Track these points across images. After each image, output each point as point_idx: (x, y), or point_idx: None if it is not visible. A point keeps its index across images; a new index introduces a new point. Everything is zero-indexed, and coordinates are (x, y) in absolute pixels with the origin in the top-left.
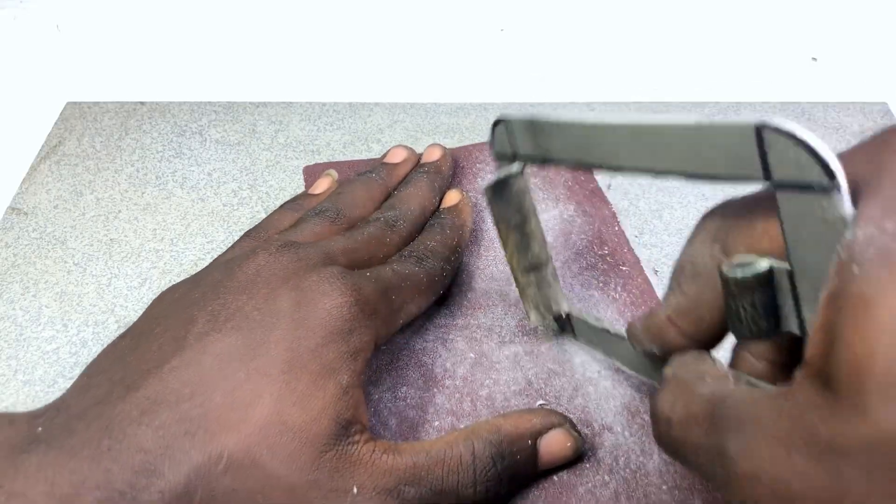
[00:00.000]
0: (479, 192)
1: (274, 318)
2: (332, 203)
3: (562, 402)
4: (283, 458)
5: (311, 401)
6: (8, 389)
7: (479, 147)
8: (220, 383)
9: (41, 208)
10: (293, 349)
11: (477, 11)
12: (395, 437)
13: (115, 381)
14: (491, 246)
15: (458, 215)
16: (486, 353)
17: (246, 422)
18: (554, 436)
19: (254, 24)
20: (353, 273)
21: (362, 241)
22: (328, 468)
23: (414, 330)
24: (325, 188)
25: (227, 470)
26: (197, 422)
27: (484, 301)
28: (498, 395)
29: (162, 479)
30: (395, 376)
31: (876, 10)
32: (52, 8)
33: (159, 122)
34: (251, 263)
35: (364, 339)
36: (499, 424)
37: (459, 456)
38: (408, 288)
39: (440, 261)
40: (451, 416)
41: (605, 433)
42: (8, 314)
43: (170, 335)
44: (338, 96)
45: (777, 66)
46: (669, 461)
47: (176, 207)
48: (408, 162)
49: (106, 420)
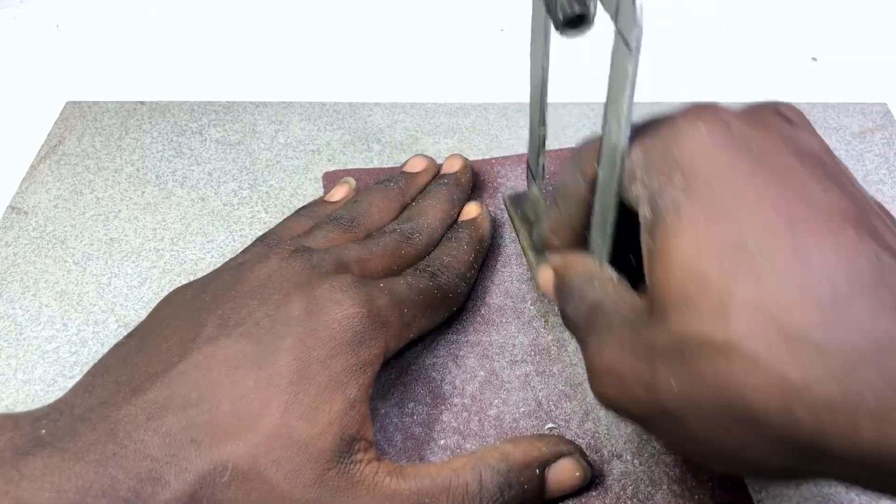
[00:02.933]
0: (498, 207)
1: (284, 325)
2: (348, 211)
3: (571, 427)
4: (286, 472)
5: (318, 414)
6: (8, 389)
7: (500, 161)
8: (228, 390)
9: (41, 208)
10: (302, 359)
11: (477, 11)
12: (399, 454)
13: (120, 383)
14: (508, 262)
15: (476, 229)
16: (497, 371)
17: (252, 431)
18: (563, 465)
19: (254, 24)
20: (367, 283)
21: (377, 251)
22: (330, 487)
23: (424, 345)
24: (342, 196)
25: (231, 481)
26: (203, 429)
27: (498, 318)
28: (507, 415)
29: (167, 489)
30: (403, 391)
31: (876, 10)
32: (52, 8)
33: (159, 121)
34: (263, 268)
35: (373, 352)
36: (507, 452)
37: (466, 484)
38: (420, 302)
39: (455, 277)
40: (457, 434)
41: (615, 461)
42: (8, 313)
43: (178, 338)
44: (338, 96)
45: (777, 66)
46: (679, 493)
47: (176, 207)
48: (427, 172)
49: (111, 423)
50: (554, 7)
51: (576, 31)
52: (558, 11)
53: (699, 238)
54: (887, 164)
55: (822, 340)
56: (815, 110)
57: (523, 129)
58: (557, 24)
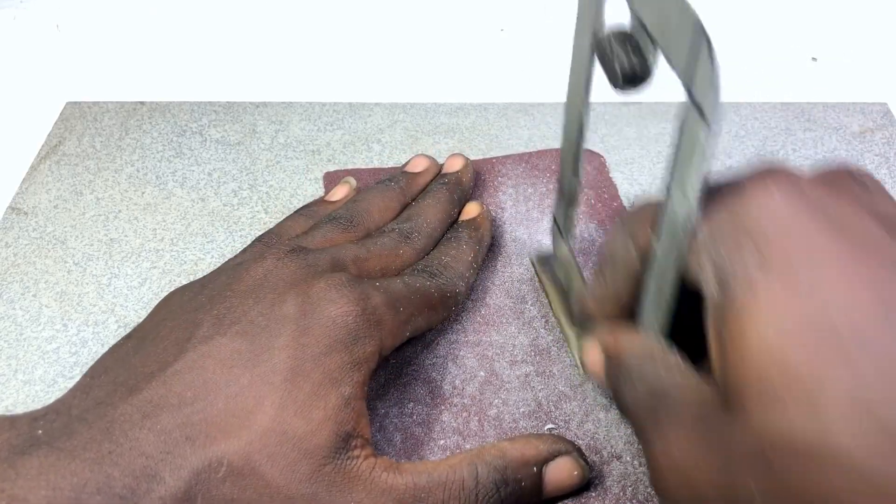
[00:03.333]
0: (499, 206)
1: (279, 324)
2: (348, 210)
3: (571, 427)
4: (282, 467)
5: (313, 411)
6: (8, 389)
7: (502, 160)
8: (222, 388)
9: (41, 208)
10: (297, 357)
11: (477, 11)
12: (398, 453)
13: (117, 383)
14: (509, 262)
15: (476, 229)
16: (497, 371)
17: (247, 428)
18: (560, 464)
19: (254, 24)
20: (362, 281)
21: (375, 250)
22: (326, 482)
23: (424, 344)
24: (342, 195)
25: (226, 477)
26: (198, 427)
27: (498, 318)
28: (506, 415)
29: (162, 485)
30: (403, 391)
31: (876, 10)
32: (52, 8)
33: (159, 122)
34: (259, 268)
35: (368, 350)
36: (504, 449)
37: (462, 480)
38: (417, 302)
39: (454, 277)
40: (457, 435)
41: (614, 462)
42: (8, 314)
43: (174, 338)
44: (338, 96)
45: (777, 66)
46: None
47: (176, 207)
48: (429, 172)
49: (107, 422)
50: (610, 60)
51: (633, 87)
52: (615, 66)
53: (780, 319)
54: (887, 164)
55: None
56: (815, 110)
57: (523, 129)
58: (614, 81)
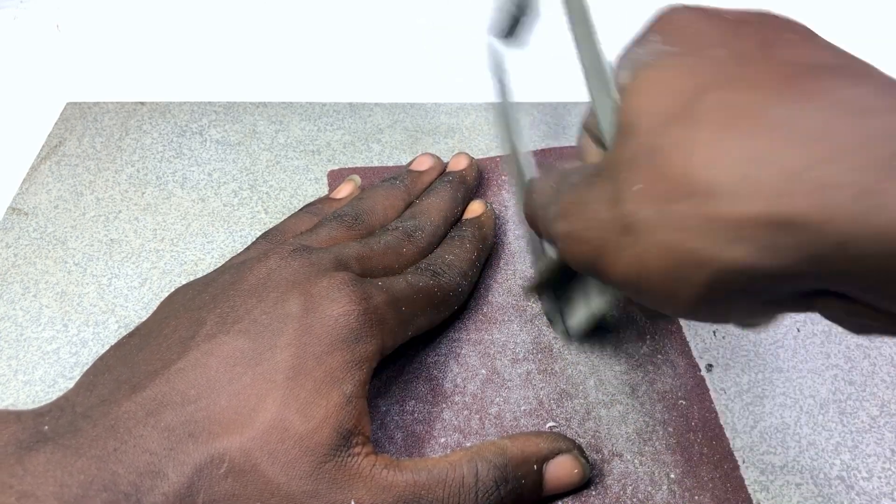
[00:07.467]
0: (502, 205)
1: (282, 322)
2: (352, 208)
3: (572, 425)
4: (283, 464)
5: (314, 409)
6: (8, 390)
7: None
8: (225, 386)
9: (41, 208)
10: (299, 355)
11: (477, 11)
12: (399, 451)
13: (121, 381)
14: (511, 260)
15: (479, 228)
16: (499, 369)
17: (248, 426)
18: (561, 461)
19: (254, 24)
20: (364, 280)
21: (378, 249)
22: (327, 479)
23: (426, 342)
24: (346, 193)
25: (228, 473)
26: (201, 424)
27: (500, 316)
28: (507, 413)
29: (166, 482)
30: (404, 389)
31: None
32: (52, 8)
33: (159, 122)
34: (262, 266)
35: (369, 349)
36: (504, 446)
37: (462, 477)
38: (420, 300)
39: (457, 276)
40: (457, 433)
41: (615, 460)
42: (8, 314)
43: (177, 336)
44: (338, 96)
45: None
46: (678, 493)
47: (176, 207)
48: (433, 170)
49: (112, 419)
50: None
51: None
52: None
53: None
54: None
55: None
56: None
57: (523, 129)
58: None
